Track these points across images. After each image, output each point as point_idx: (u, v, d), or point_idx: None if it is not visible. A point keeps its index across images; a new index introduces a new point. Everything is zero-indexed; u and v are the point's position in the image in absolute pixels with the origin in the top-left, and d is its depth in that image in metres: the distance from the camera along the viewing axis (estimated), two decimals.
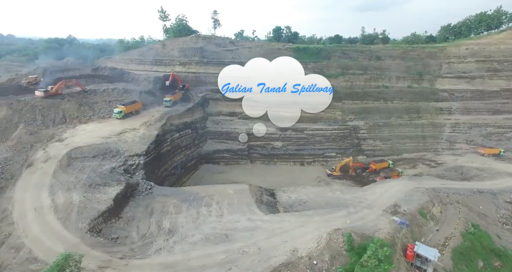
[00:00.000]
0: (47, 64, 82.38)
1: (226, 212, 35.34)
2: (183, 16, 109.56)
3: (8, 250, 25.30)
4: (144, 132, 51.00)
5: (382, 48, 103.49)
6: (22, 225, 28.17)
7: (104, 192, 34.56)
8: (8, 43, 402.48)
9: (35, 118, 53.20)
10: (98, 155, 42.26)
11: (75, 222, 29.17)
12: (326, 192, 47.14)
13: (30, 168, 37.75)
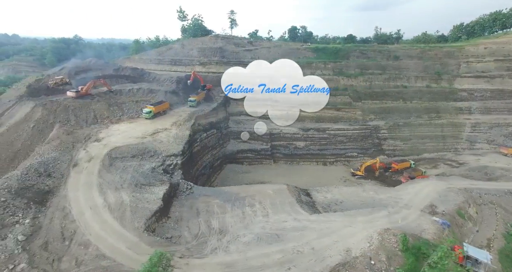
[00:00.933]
0: (71, 64, 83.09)
1: (271, 212, 35.77)
2: (199, 16, 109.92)
3: (77, 246, 25.94)
4: (177, 132, 51.55)
5: (400, 48, 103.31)
6: (83, 223, 28.78)
7: (151, 191, 35.14)
8: (14, 43, 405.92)
9: (68, 118, 53.99)
10: (137, 155, 42.87)
11: (131, 221, 29.73)
12: (360, 192, 47.45)
13: (76, 167, 38.40)
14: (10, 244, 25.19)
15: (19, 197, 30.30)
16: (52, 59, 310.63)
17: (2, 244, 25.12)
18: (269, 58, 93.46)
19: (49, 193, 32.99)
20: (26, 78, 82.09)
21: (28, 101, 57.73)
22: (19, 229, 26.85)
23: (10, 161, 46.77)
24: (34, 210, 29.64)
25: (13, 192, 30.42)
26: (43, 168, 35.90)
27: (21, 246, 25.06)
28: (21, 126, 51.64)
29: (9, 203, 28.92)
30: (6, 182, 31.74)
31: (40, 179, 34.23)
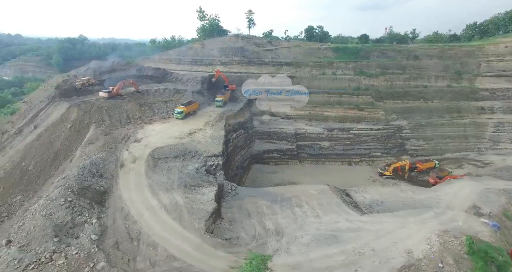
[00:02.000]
0: (94, 65, 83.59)
1: (321, 213, 35.86)
2: (216, 16, 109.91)
3: (146, 247, 26.20)
4: (212, 133, 51.73)
5: (418, 47, 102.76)
6: (144, 224, 29.04)
7: (201, 192, 35.35)
8: (19, 43, 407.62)
9: (103, 118, 54.29)
10: (178, 156, 43.07)
11: (190, 222, 29.93)
12: (397, 192, 47.42)
13: (123, 168, 38.68)
14: (85, 243, 25.49)
15: (82, 197, 30.63)
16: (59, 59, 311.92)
17: (78, 243, 25.46)
18: (290, 58, 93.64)
19: (105, 193, 33.30)
20: (52, 79, 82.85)
21: (61, 102, 58.20)
22: (89, 229, 27.16)
23: (52, 161, 47.19)
24: (97, 210, 29.97)
25: (76, 192, 30.77)
26: (95, 169, 36.23)
27: (96, 245, 25.34)
28: (59, 126, 52.05)
29: (75, 203, 29.25)
30: (67, 182, 32.10)
31: (94, 179, 34.54)
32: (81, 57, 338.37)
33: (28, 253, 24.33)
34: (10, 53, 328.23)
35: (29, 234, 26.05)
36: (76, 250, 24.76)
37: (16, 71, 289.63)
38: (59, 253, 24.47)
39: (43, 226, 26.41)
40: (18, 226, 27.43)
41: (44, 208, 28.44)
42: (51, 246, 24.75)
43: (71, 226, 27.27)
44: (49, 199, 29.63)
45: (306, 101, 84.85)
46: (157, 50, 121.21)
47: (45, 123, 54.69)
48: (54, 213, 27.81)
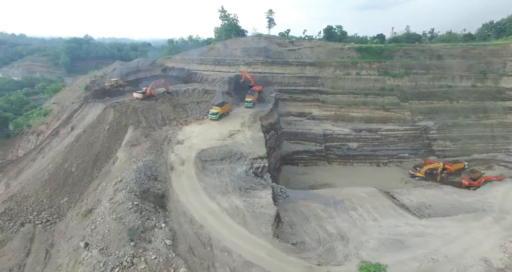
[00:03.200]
0: (118, 65, 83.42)
1: (377, 216, 35.37)
2: (234, 15, 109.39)
3: (221, 253, 25.86)
4: (252, 134, 51.29)
5: (442, 47, 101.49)
6: (211, 229, 28.69)
7: (258, 196, 34.97)
8: (25, 43, 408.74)
9: (139, 120, 54.04)
10: (225, 158, 42.69)
11: (256, 227, 29.55)
12: (442, 194, 46.81)
13: (174, 171, 38.39)
14: (160, 247, 25.17)
15: (146, 200, 30.37)
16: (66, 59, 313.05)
17: (154, 248, 25.14)
18: (312, 58, 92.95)
19: (163, 197, 33.01)
20: (77, 79, 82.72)
21: (95, 103, 58.00)
22: (160, 233, 26.83)
23: (93, 163, 46.97)
24: (162, 214, 29.68)
25: (139, 196, 30.50)
26: (149, 172, 35.96)
27: (172, 250, 24.99)
28: (97, 128, 51.79)
29: (142, 207, 28.96)
30: (128, 185, 31.83)
31: (150, 182, 34.26)
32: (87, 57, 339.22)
33: (109, 256, 24.10)
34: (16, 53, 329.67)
35: (105, 237, 25.81)
36: (154, 255, 24.44)
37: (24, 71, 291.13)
38: (139, 257, 24.19)
39: (117, 230, 26.13)
40: (91, 229, 27.22)
41: (113, 212, 28.18)
42: (129, 250, 24.47)
43: (142, 230, 26.98)
44: (115, 202, 29.36)
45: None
46: (174, 50, 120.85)
47: (82, 124, 54.50)
48: (124, 217, 27.54)
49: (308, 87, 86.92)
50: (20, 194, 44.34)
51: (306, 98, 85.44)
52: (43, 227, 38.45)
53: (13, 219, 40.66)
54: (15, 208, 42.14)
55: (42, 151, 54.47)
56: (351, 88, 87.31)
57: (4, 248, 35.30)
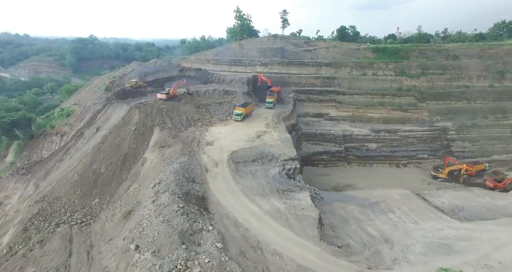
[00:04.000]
0: (134, 65, 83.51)
1: (416, 219, 35.10)
2: (248, 16, 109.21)
3: (272, 256, 25.72)
4: (279, 135, 51.10)
5: (458, 47, 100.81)
6: (257, 231, 28.53)
7: (296, 198, 34.77)
8: (29, 44, 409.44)
9: (164, 121, 54.00)
10: (257, 160, 42.53)
11: (302, 229, 29.37)
12: (474, 197, 46.39)
13: (209, 173, 38.28)
14: (212, 251, 25.02)
15: (189, 203, 30.27)
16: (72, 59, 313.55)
17: (205, 251, 25.00)
18: (328, 58, 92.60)
19: (204, 199, 32.89)
20: (95, 80, 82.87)
21: (119, 104, 58.08)
22: (209, 236, 26.70)
23: (121, 164, 47.04)
24: (207, 217, 29.54)
25: (182, 198, 30.39)
26: (187, 174, 35.86)
27: (224, 254, 24.85)
28: (123, 129, 51.84)
29: (187, 210, 28.87)
30: (169, 187, 31.74)
31: (189, 184, 34.17)
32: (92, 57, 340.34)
33: (162, 259, 23.99)
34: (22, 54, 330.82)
35: (155, 240, 25.72)
36: (208, 258, 24.31)
37: (30, 71, 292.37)
38: (192, 261, 24.07)
39: (167, 232, 26.04)
40: (139, 232, 27.13)
41: (160, 214, 28.10)
42: (182, 254, 24.35)
43: (191, 233, 26.88)
44: (160, 205, 29.28)
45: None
46: (186, 50, 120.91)
47: (107, 125, 54.58)
48: (172, 219, 27.43)
49: (324, 87, 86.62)
50: (52, 195, 44.48)
51: (323, 98, 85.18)
52: (78, 228, 38.54)
53: (47, 219, 40.81)
54: (48, 209, 42.29)
55: (68, 152, 54.60)
56: (368, 89, 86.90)
57: (44, 248, 35.38)
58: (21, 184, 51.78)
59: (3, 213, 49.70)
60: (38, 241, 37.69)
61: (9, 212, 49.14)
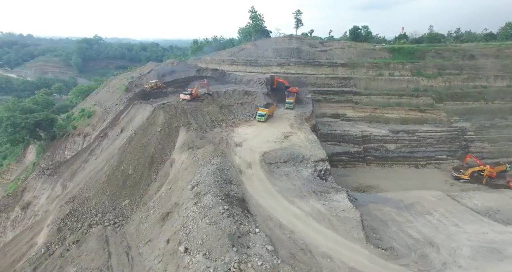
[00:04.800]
0: (152, 66, 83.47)
1: (457, 221, 34.74)
2: (261, 16, 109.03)
3: (323, 259, 25.54)
4: (306, 136, 50.91)
5: (474, 47, 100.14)
6: (303, 234, 28.32)
7: (335, 199, 34.53)
8: (34, 44, 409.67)
9: (189, 121, 53.83)
10: (288, 161, 42.33)
11: (346, 232, 29.14)
12: (507, 199, 46.04)
13: (243, 174, 38.13)
14: (263, 253, 24.83)
15: (232, 205, 30.09)
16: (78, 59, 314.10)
17: (256, 253, 24.81)
18: (344, 59, 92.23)
19: (244, 201, 32.72)
20: (112, 80, 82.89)
21: (143, 105, 58.00)
22: (257, 238, 26.51)
23: (149, 166, 46.89)
24: (250, 219, 29.34)
25: (225, 200, 30.21)
26: (224, 175, 35.69)
27: (276, 256, 24.65)
28: (148, 130, 51.72)
29: (232, 212, 28.70)
30: (210, 189, 31.59)
31: (228, 186, 34.02)
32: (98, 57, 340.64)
33: (215, 262, 23.86)
34: (28, 54, 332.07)
35: (204, 242, 25.58)
36: (260, 261, 24.14)
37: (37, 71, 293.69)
38: (245, 263, 23.91)
39: (216, 235, 25.88)
40: (186, 234, 26.98)
41: (205, 216, 27.95)
42: (234, 256, 24.19)
43: (239, 235, 26.70)
44: (204, 207, 29.12)
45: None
46: (198, 50, 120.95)
47: (131, 126, 54.55)
48: (219, 221, 27.27)
49: (341, 88, 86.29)
50: (81, 195, 44.44)
51: (339, 99, 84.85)
52: (112, 229, 38.49)
53: (79, 220, 40.80)
54: (79, 210, 42.26)
55: (92, 152, 54.66)
56: (385, 89, 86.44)
57: (81, 248, 35.37)
58: (48, 184, 51.92)
59: (32, 213, 49.95)
60: (73, 241, 37.74)
61: (38, 212, 49.37)
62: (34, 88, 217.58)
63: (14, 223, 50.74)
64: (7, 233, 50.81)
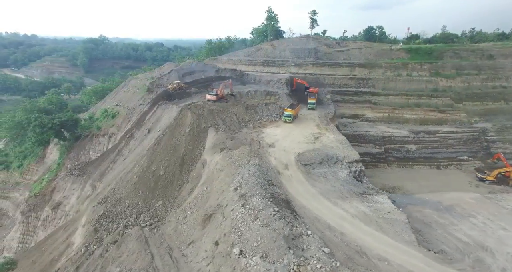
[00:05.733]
0: (171, 66, 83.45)
1: (504, 225, 34.38)
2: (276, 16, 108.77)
3: (380, 262, 25.28)
4: (334, 136, 50.65)
5: (492, 46, 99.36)
6: (354, 236, 28.07)
7: (377, 201, 34.31)
8: (39, 44, 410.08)
9: (216, 122, 53.72)
10: (323, 162, 42.10)
11: (396, 234, 28.88)
12: None
13: (282, 175, 37.96)
14: (321, 256, 24.59)
15: (280, 206, 29.87)
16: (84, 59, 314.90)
17: (313, 256, 24.57)
18: (361, 59, 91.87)
19: (288, 202, 32.52)
20: (131, 81, 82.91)
21: (169, 105, 58.00)
22: (311, 241, 26.26)
23: (180, 167, 46.85)
24: (299, 221, 29.12)
25: (272, 202, 29.97)
26: (266, 176, 35.50)
27: (334, 259, 24.43)
28: (177, 130, 51.67)
29: (283, 214, 28.47)
30: (256, 191, 31.39)
31: (270, 187, 33.81)
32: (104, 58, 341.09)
33: (273, 264, 23.67)
34: (34, 54, 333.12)
35: (259, 244, 25.37)
36: (319, 263, 23.89)
37: (43, 71, 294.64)
38: (304, 266, 23.69)
39: (271, 237, 25.68)
40: (238, 236, 26.81)
41: (256, 218, 27.76)
42: (292, 259, 23.98)
43: (293, 237, 26.51)
44: (253, 208, 28.92)
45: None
46: (212, 51, 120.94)
47: (159, 126, 54.52)
48: (271, 223, 27.06)
49: (359, 88, 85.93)
50: (113, 196, 44.45)
51: (358, 99, 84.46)
52: (149, 230, 38.47)
53: (114, 221, 40.85)
54: (113, 210, 42.30)
55: (120, 153, 54.70)
56: (403, 90, 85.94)
57: (121, 249, 35.41)
58: (78, 185, 52.01)
59: (63, 213, 50.06)
60: (111, 241, 37.82)
61: (69, 212, 49.49)
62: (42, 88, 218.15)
63: (45, 222, 50.89)
64: (38, 232, 51.01)
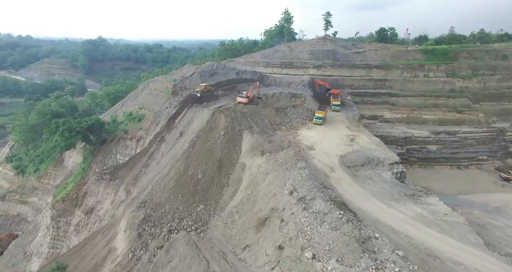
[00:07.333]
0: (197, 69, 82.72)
1: None
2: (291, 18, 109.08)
3: (455, 265, 25.25)
4: (369, 138, 50.88)
5: (506, 47, 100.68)
6: (420, 239, 28.11)
7: (430, 203, 34.48)
8: (36, 45, 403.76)
9: (250, 125, 53.56)
10: (365, 164, 42.27)
11: (461, 236, 29.02)
12: None
13: (330, 178, 37.95)
14: (395, 259, 24.37)
15: (345, 210, 29.80)
16: (84, 61, 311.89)
17: (388, 259, 24.41)
18: (378, 60, 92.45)
19: (345, 205, 32.47)
20: (150, 83, 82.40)
21: (199, 108, 57.76)
22: (381, 244, 26.06)
23: (218, 170, 46.66)
24: (365, 224, 29.07)
25: (333, 205, 29.91)
26: (318, 179, 35.44)
27: (409, 262, 24.31)
28: (211, 134, 51.36)
29: (348, 217, 28.34)
30: (315, 194, 31.34)
31: (325, 190, 33.74)
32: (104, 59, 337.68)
33: (351, 268, 23.63)
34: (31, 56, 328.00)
35: (332, 248, 25.31)
36: (397, 267, 23.87)
37: (42, 73, 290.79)
38: (382, 270, 23.68)
39: (344, 240, 25.62)
40: (307, 240, 26.71)
41: (323, 222, 27.68)
42: (369, 262, 23.96)
43: (363, 240, 26.49)
44: (318, 212, 28.87)
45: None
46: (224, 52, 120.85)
47: (191, 130, 54.28)
48: (340, 227, 26.99)
49: (377, 89, 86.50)
50: (151, 200, 44.02)
51: (376, 100, 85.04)
52: (196, 235, 38.22)
53: (157, 225, 40.54)
54: (153, 215, 41.92)
55: (152, 157, 54.31)
56: (421, 90, 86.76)
57: (170, 254, 35.10)
58: (111, 189, 51.47)
59: (97, 218, 49.51)
60: (157, 246, 37.60)
61: (103, 217, 48.94)
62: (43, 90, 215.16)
63: (78, 227, 50.27)
64: (71, 237, 50.36)
